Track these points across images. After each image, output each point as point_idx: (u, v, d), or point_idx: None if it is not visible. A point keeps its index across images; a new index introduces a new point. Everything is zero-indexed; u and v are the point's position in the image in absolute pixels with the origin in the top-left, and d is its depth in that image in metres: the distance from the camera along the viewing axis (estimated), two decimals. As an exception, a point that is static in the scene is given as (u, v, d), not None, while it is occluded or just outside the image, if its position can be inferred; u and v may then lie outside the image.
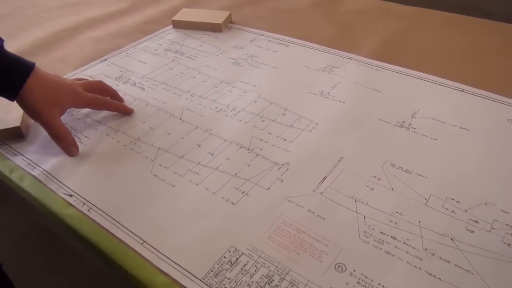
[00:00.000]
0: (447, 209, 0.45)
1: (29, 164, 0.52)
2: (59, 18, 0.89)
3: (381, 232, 0.43)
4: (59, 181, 0.50)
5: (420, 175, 0.49)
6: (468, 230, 0.43)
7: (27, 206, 0.51)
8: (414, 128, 0.56)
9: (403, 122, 0.57)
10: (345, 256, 0.41)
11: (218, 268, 0.40)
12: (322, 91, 0.63)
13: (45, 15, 0.90)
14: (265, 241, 0.42)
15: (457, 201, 0.46)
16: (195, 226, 0.44)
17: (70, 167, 0.52)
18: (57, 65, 0.72)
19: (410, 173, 0.49)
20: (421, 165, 0.50)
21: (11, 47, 0.78)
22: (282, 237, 0.43)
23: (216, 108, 0.61)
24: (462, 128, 0.55)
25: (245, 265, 0.40)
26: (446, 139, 0.54)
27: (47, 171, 0.51)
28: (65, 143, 0.53)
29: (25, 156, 0.54)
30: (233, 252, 0.42)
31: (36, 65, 0.53)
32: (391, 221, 0.44)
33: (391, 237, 0.42)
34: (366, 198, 0.46)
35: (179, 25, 0.83)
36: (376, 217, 0.44)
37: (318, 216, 0.45)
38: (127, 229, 0.44)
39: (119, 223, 0.45)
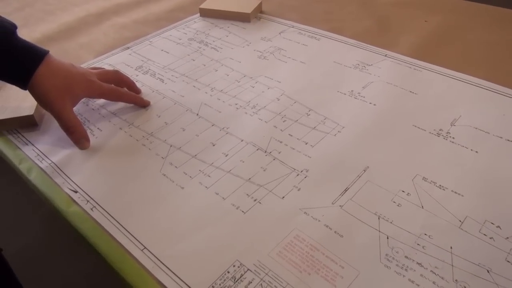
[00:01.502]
0: (485, 234, 0.39)
1: (38, 155, 0.51)
2: (88, 3, 0.88)
3: (406, 257, 0.38)
4: (66, 175, 0.48)
5: (455, 192, 0.43)
6: (508, 261, 0.37)
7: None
8: (453, 138, 0.50)
9: (440, 130, 0.51)
10: (362, 281, 0.36)
11: (220, 284, 0.37)
12: (352, 91, 0.58)
13: (74, 0, 0.89)
14: (274, 257, 0.39)
15: (497, 226, 0.40)
16: (200, 235, 0.41)
17: (78, 161, 0.50)
18: (79, 52, 0.71)
19: (444, 190, 0.44)
20: (457, 181, 0.44)
21: (37, 31, 0.78)
22: (293, 254, 0.39)
23: (236, 104, 0.57)
24: (508, 140, 0.49)
25: (249, 282, 0.37)
26: (489, 152, 0.47)
27: (55, 164, 0.49)
28: (76, 135, 0.51)
29: (35, 146, 0.52)
30: (238, 267, 0.38)
31: (50, 53, 0.50)
32: (418, 244, 0.39)
33: (417, 263, 0.37)
34: (391, 215, 0.41)
35: (207, 13, 0.80)
36: (401, 238, 0.39)
37: (335, 232, 0.40)
38: (128, 232, 0.41)
39: (121, 225, 0.42)
